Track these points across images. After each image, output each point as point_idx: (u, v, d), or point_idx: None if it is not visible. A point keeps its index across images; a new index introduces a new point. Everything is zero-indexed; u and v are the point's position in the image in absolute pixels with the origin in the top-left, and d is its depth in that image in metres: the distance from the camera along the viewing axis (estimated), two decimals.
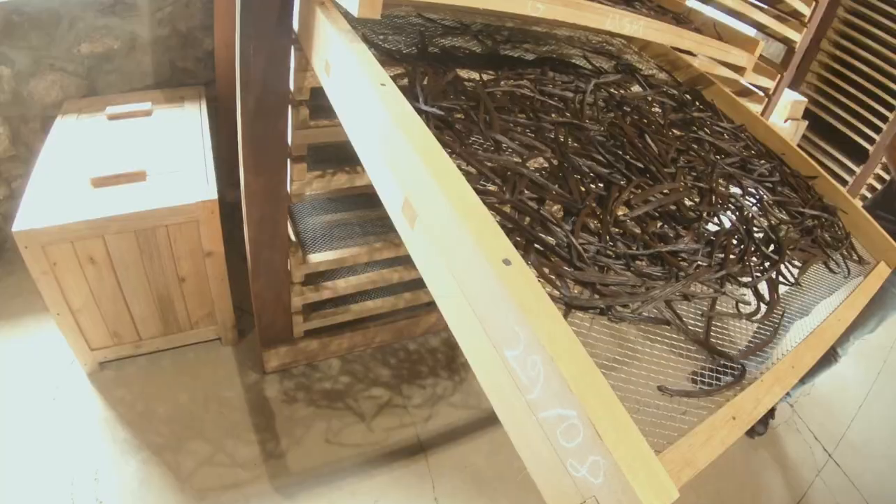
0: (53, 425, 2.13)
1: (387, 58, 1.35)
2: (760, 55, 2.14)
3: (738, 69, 1.88)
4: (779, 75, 3.08)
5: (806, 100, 4.02)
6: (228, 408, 2.27)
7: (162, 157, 2.14)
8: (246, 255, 2.01)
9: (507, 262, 0.73)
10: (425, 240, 0.86)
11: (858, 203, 1.74)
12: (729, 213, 1.32)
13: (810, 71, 4.35)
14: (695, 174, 1.37)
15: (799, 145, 4.23)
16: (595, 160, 1.17)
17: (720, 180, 1.42)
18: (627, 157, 1.24)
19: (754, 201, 1.47)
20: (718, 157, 1.53)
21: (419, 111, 1.04)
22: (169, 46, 2.64)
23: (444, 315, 0.84)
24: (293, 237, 2.07)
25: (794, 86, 3.98)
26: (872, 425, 2.93)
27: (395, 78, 1.23)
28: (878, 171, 4.08)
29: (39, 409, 2.18)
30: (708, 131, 1.67)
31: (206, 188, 1.99)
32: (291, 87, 1.59)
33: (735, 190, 1.46)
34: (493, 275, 0.71)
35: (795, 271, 1.35)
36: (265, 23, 1.45)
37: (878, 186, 4.04)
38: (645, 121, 1.45)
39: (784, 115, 3.86)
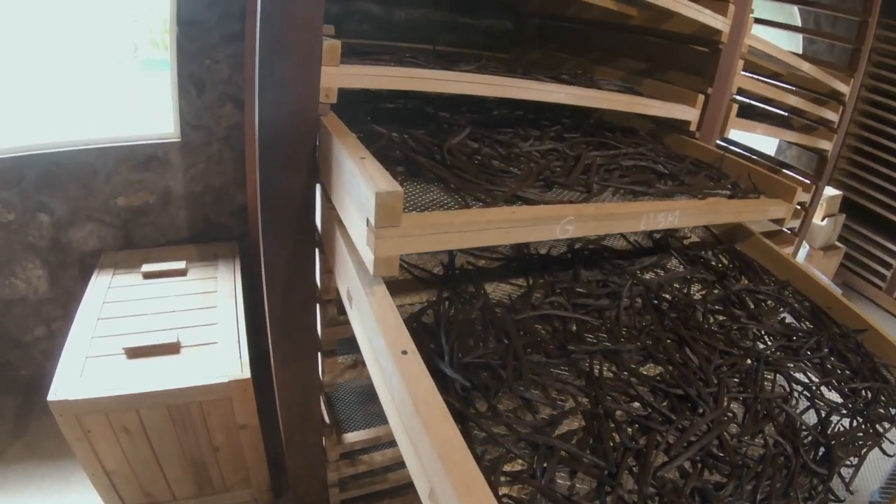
0: None
1: (412, 277, 1.34)
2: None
3: (778, 221, 1.83)
4: (814, 186, 3.00)
5: (841, 193, 3.93)
6: None
7: (196, 325, 2.16)
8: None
9: None
10: None
11: None
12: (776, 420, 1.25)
13: (840, 157, 4.29)
14: (739, 377, 1.30)
15: (841, 236, 4.13)
16: (631, 396, 1.12)
17: (765, 374, 1.35)
18: (667, 383, 1.18)
19: (801, 388, 1.39)
20: (763, 342, 1.47)
21: (444, 376, 1.01)
22: (203, 202, 2.70)
23: None
24: (327, 416, 2.02)
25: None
26: None
27: (419, 314, 1.21)
28: None
29: None
30: (751, 302, 1.61)
31: (238, 366, 1.98)
32: (318, 284, 1.59)
33: (782, 381, 1.39)
34: None
35: (847, 472, 1.26)
36: (286, 226, 1.45)
37: None
38: (684, 315, 1.41)
39: (821, 214, 3.76)
